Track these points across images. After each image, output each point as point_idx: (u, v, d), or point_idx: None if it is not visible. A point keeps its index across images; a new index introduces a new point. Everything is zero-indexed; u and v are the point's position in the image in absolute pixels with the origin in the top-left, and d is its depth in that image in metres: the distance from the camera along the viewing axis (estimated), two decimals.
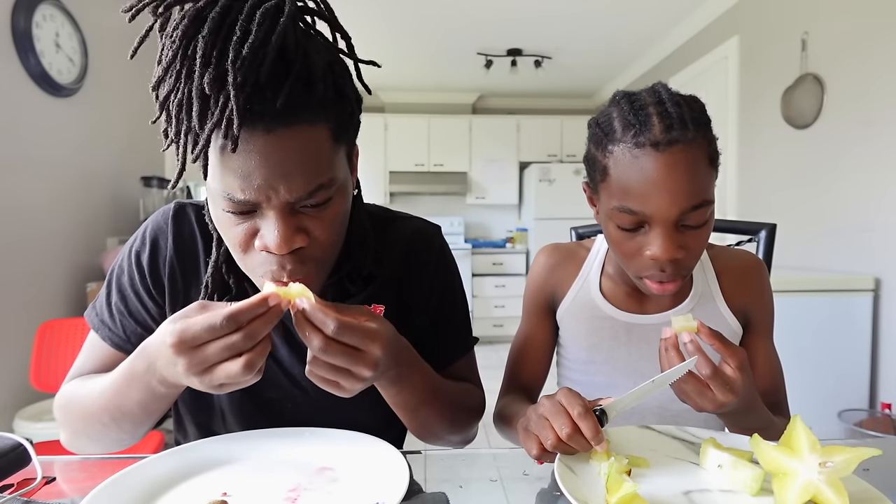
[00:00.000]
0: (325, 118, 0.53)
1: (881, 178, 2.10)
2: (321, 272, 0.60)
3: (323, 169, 0.54)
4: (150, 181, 2.68)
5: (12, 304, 2.02)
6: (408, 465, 0.54)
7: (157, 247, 0.69)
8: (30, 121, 2.11)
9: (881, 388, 2.12)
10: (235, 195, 0.52)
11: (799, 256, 2.50)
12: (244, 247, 0.56)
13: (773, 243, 0.99)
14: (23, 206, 2.07)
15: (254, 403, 0.71)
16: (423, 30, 3.66)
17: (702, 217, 0.65)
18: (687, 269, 0.68)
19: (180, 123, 0.52)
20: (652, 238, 0.65)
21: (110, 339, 0.69)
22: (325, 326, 0.49)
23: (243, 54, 0.47)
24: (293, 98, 0.50)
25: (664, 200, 0.62)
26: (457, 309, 0.79)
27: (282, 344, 0.71)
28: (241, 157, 0.50)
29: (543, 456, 0.57)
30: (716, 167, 0.66)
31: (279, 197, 0.52)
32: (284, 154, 0.51)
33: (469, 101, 5.33)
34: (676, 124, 0.63)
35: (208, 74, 0.48)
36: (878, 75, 2.11)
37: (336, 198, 0.57)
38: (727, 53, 3.11)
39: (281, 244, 0.53)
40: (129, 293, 0.70)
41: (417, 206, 5.41)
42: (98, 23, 2.49)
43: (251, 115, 0.48)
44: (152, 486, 0.52)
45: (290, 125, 0.50)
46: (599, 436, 0.53)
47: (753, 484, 0.50)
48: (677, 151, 0.62)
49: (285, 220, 0.53)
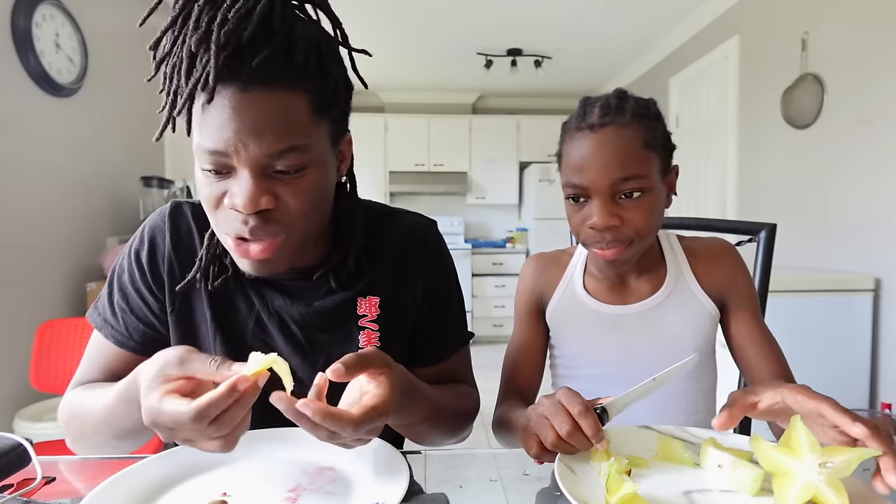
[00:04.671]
0: (304, 88, 0.55)
1: (881, 178, 2.10)
2: (288, 242, 0.59)
3: (296, 132, 0.55)
4: (150, 181, 2.68)
5: (12, 304, 2.02)
6: (408, 466, 0.54)
7: (155, 244, 0.71)
8: (30, 121, 2.11)
9: (881, 388, 2.12)
10: (207, 145, 0.54)
11: (799, 256, 2.50)
12: (215, 204, 0.57)
13: (773, 243, 0.99)
14: (23, 206, 2.07)
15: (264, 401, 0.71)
16: (423, 30, 3.66)
17: (634, 188, 0.73)
18: (626, 238, 0.75)
19: (171, 83, 0.56)
20: (592, 208, 0.75)
21: (114, 336, 0.70)
22: (341, 430, 0.47)
23: (228, 18, 0.52)
24: (271, 62, 0.53)
25: (596, 172, 0.73)
26: (452, 304, 0.80)
27: (278, 334, 0.71)
28: (217, 110, 0.53)
29: (543, 455, 0.57)
30: (658, 152, 0.76)
31: (248, 152, 0.53)
32: (258, 112, 0.53)
33: (469, 101, 5.33)
34: (612, 111, 0.74)
35: (196, 36, 0.52)
36: (878, 75, 2.11)
37: (311, 169, 0.58)
38: (727, 53, 3.11)
39: (247, 202, 0.54)
40: (131, 291, 0.71)
41: (417, 206, 5.37)
42: (98, 23, 2.49)
43: (229, 71, 0.52)
44: (152, 486, 0.52)
45: (265, 87, 0.53)
46: (600, 433, 0.53)
47: (753, 484, 0.50)
48: (609, 131, 0.73)
49: (255, 180, 0.54)
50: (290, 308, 0.71)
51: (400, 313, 0.75)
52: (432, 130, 5.13)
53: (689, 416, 0.83)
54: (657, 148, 0.76)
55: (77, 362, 0.72)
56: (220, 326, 0.70)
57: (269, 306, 0.71)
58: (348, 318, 0.72)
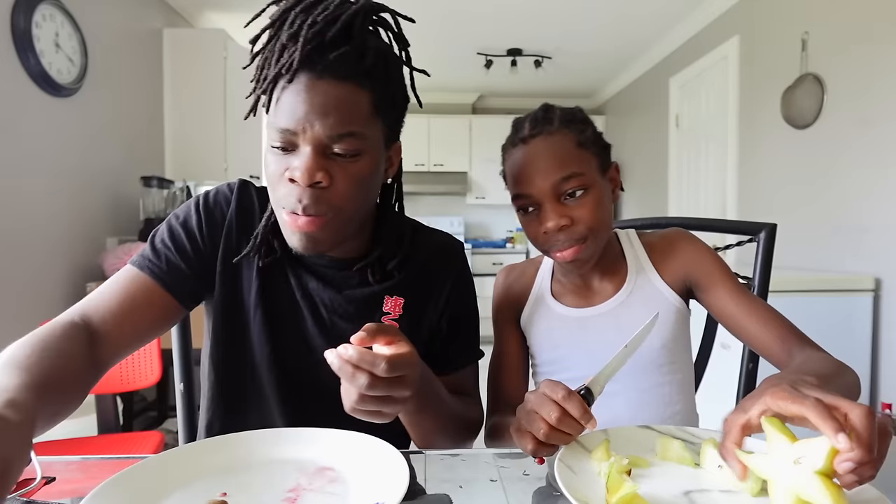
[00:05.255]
0: (369, 88, 0.64)
1: (881, 178, 2.10)
2: (333, 223, 0.65)
3: (356, 121, 0.64)
4: (150, 181, 2.68)
5: (12, 304, 2.02)
6: (410, 466, 0.54)
7: (218, 204, 0.77)
8: (30, 121, 2.11)
9: (881, 388, 2.12)
10: (280, 123, 0.63)
11: (799, 256, 2.50)
12: (277, 178, 0.65)
13: (773, 243, 0.98)
14: (23, 206, 2.07)
15: (280, 361, 0.76)
16: (423, 30, 3.65)
17: (576, 186, 0.77)
18: (580, 236, 0.77)
19: (261, 71, 0.65)
20: (542, 215, 0.78)
21: (148, 266, 0.72)
22: (375, 368, 0.51)
23: (318, 21, 0.62)
24: (345, 59, 0.62)
25: (538, 178, 0.77)
26: (469, 321, 0.86)
27: (307, 314, 0.76)
28: (293, 94, 0.62)
29: (539, 450, 0.57)
30: (593, 151, 0.80)
31: (314, 131, 0.62)
32: (327, 98, 0.62)
33: (469, 101, 5.33)
34: (540, 122, 0.80)
35: (288, 33, 0.62)
36: (878, 75, 2.11)
37: (364, 157, 0.65)
38: (727, 53, 3.11)
39: (305, 174, 0.61)
40: (180, 230, 0.75)
41: (417, 205, 5.41)
42: (98, 23, 2.49)
43: (309, 61, 0.61)
44: (152, 486, 0.52)
45: (336, 78, 0.62)
46: (587, 414, 0.54)
47: (753, 484, 0.50)
48: (541, 140, 0.79)
49: (315, 156, 0.62)
50: (321, 292, 0.76)
51: (421, 318, 0.79)
52: (432, 130, 5.13)
53: (667, 407, 0.85)
54: (591, 147, 0.80)
55: None
56: (263, 298, 0.75)
57: (305, 288, 0.76)
58: (373, 311, 0.77)
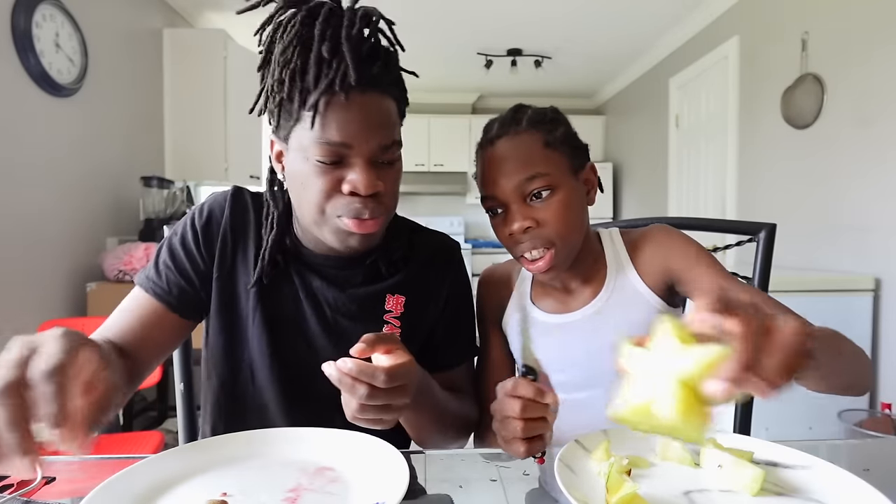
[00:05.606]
0: (394, 95, 0.68)
1: (881, 178, 2.10)
2: (386, 221, 0.71)
3: (396, 129, 0.69)
4: (150, 181, 2.68)
5: (13, 304, 2.02)
6: (410, 466, 0.54)
7: (213, 215, 0.79)
8: (30, 121, 2.11)
9: (881, 388, 2.12)
10: (333, 138, 0.63)
11: (799, 256, 2.50)
12: (330, 192, 0.65)
13: (772, 243, 0.98)
14: (23, 206, 2.07)
15: (281, 364, 0.76)
16: (423, 30, 3.66)
17: (541, 186, 0.75)
18: (547, 240, 0.75)
19: (294, 85, 0.63)
20: (508, 216, 0.77)
21: (153, 290, 0.75)
22: (374, 379, 0.53)
23: (353, 34, 0.63)
24: (382, 72, 0.66)
25: (502, 179, 0.76)
26: (466, 320, 0.87)
27: (311, 314, 0.77)
28: (342, 108, 0.63)
29: (530, 448, 0.58)
30: (562, 150, 0.77)
31: (368, 144, 0.64)
32: (373, 110, 0.65)
33: (469, 101, 5.33)
34: (507, 124, 0.78)
35: (325, 46, 0.62)
36: (878, 75, 2.11)
37: (398, 161, 0.70)
38: (727, 53, 3.11)
39: (368, 185, 0.64)
40: (179, 250, 0.77)
41: (417, 205, 5.41)
42: (98, 23, 2.48)
43: (357, 76, 0.62)
44: (152, 486, 0.52)
45: (380, 92, 0.65)
46: (541, 391, 0.58)
47: (753, 484, 0.50)
48: (506, 140, 0.77)
49: (372, 167, 0.65)
50: (325, 291, 0.78)
51: (422, 315, 0.81)
52: (432, 130, 5.13)
53: None
54: (559, 147, 0.78)
55: None
56: (262, 302, 0.76)
57: (309, 287, 0.78)
58: (375, 310, 0.79)
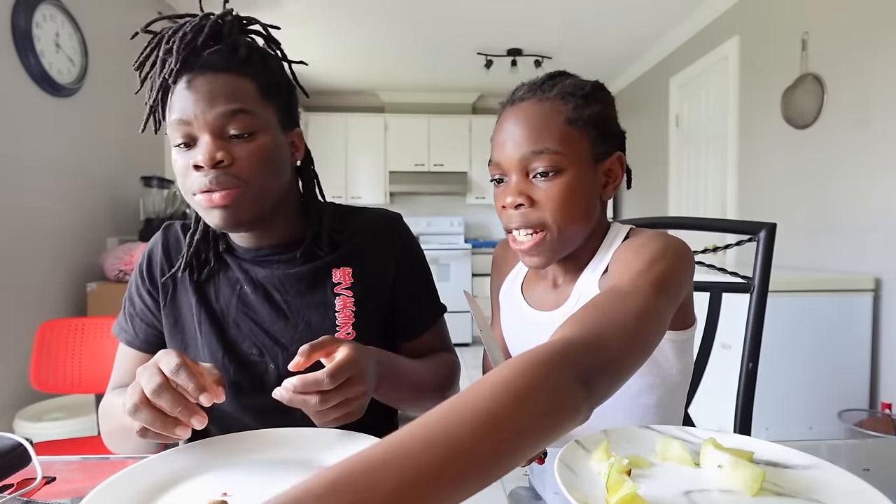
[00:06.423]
0: (249, 75, 0.71)
1: (881, 178, 2.10)
2: (246, 195, 0.70)
3: (243, 100, 0.69)
4: (150, 181, 2.68)
5: (12, 304, 2.02)
6: None
7: (152, 256, 0.84)
8: (30, 121, 2.11)
9: (881, 388, 2.12)
10: (174, 116, 0.68)
11: (799, 256, 2.50)
12: (185, 171, 0.69)
13: (772, 243, 0.98)
14: (23, 207, 2.07)
15: (236, 363, 0.77)
16: (423, 30, 3.66)
17: (546, 165, 0.68)
18: (536, 223, 0.70)
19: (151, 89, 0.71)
20: (506, 188, 0.72)
21: (126, 340, 0.82)
22: (320, 386, 0.56)
23: (187, 31, 0.69)
24: (219, 55, 0.69)
25: (509, 146, 0.71)
26: (424, 283, 0.90)
27: (262, 304, 0.79)
28: (180, 92, 0.68)
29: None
30: (586, 131, 0.70)
31: (205, 116, 0.67)
32: (210, 86, 0.68)
33: (469, 101, 5.33)
34: (537, 87, 0.71)
35: (165, 48, 0.69)
36: (878, 75, 2.11)
37: (260, 136, 0.70)
38: (727, 53, 3.11)
39: (207, 157, 0.66)
40: (136, 297, 0.83)
41: (417, 206, 5.41)
42: (98, 23, 2.49)
43: (187, 64, 0.68)
44: (152, 486, 0.53)
45: (215, 71, 0.69)
46: None
47: (753, 484, 0.50)
48: (526, 105, 0.70)
49: (213, 140, 0.68)
50: (271, 277, 0.80)
51: (373, 284, 0.83)
52: (432, 130, 5.13)
53: (634, 398, 0.77)
54: (584, 126, 0.69)
55: (77, 362, 0.76)
56: (206, 311, 0.79)
57: (254, 279, 0.80)
58: (324, 283, 0.81)
